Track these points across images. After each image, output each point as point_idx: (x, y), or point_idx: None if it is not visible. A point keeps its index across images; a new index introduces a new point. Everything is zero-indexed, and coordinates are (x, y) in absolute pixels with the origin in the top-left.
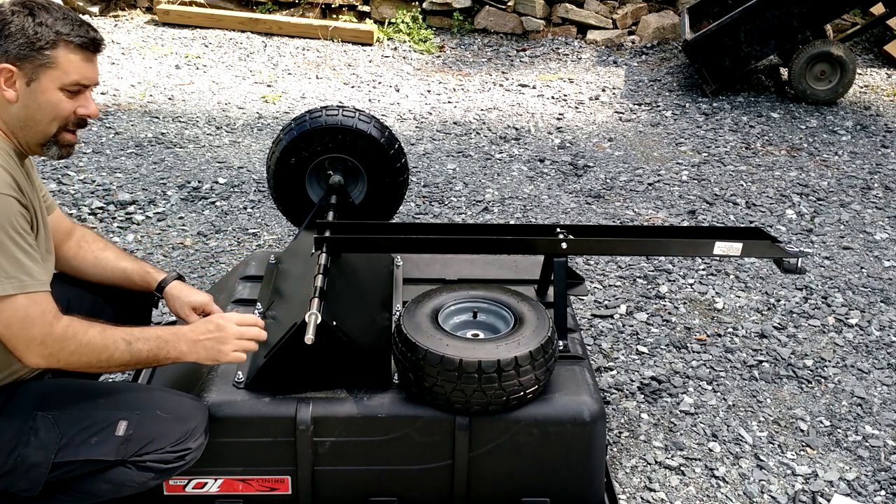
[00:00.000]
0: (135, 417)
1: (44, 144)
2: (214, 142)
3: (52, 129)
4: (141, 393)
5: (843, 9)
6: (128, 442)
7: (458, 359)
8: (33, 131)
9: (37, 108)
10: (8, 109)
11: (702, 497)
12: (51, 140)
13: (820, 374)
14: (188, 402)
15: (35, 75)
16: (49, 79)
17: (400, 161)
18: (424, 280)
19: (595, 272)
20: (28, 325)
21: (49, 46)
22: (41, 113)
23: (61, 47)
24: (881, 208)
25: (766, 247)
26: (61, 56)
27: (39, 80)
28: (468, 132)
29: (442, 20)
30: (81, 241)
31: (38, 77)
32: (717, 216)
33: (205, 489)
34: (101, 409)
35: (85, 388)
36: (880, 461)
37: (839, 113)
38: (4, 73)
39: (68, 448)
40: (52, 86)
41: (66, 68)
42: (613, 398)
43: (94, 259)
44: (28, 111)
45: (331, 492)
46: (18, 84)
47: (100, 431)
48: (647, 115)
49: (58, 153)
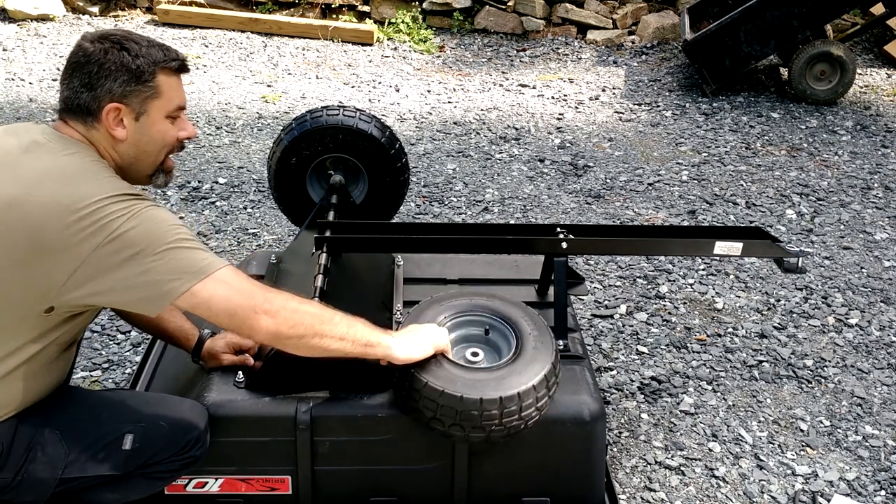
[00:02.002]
0: (140, 430)
1: (152, 175)
2: (214, 142)
3: (161, 157)
4: (144, 403)
5: (843, 9)
6: (134, 455)
7: (458, 395)
8: (144, 164)
9: (148, 141)
10: (117, 148)
11: (702, 497)
12: (158, 169)
13: (820, 374)
14: (190, 408)
15: (143, 108)
16: (156, 109)
17: (400, 161)
18: (425, 280)
19: (595, 272)
20: (244, 294)
21: (151, 77)
22: (152, 144)
23: (161, 75)
24: (881, 208)
25: (766, 247)
26: (163, 84)
27: (148, 112)
28: (468, 132)
29: (442, 20)
30: None
31: (147, 110)
32: (717, 216)
33: (205, 489)
34: (106, 423)
35: (90, 401)
36: (880, 461)
37: (839, 113)
38: (113, 113)
39: (75, 464)
40: (160, 116)
41: (170, 95)
42: (613, 398)
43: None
44: (139, 146)
45: (331, 492)
46: (127, 121)
47: (106, 446)
48: (647, 115)
49: (164, 180)
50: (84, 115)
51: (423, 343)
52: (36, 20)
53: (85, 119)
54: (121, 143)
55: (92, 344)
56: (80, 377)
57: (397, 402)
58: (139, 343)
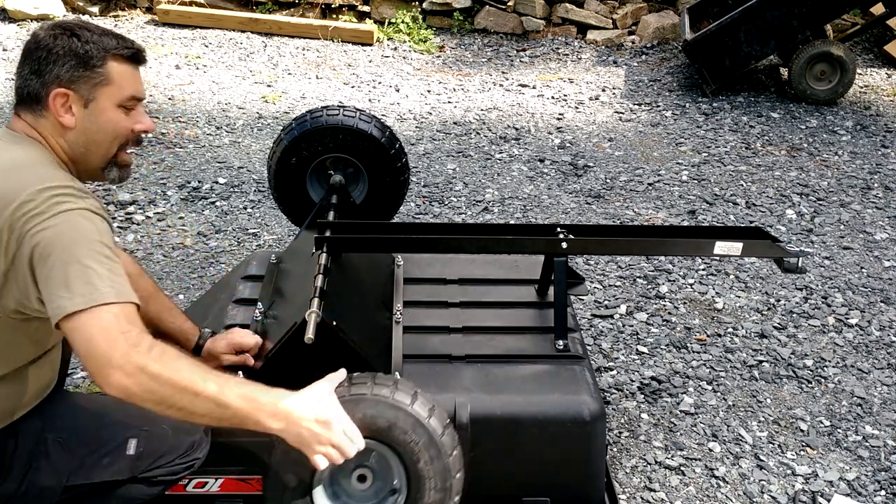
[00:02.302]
0: (143, 434)
1: (105, 168)
2: (214, 142)
3: (113, 149)
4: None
5: (843, 9)
6: (139, 459)
7: None
8: (95, 155)
9: (97, 130)
10: (66, 137)
11: (702, 497)
12: (111, 162)
13: (820, 374)
14: None
15: (92, 95)
16: (106, 97)
17: (400, 161)
18: (425, 280)
19: (595, 272)
20: (110, 341)
21: (101, 63)
22: (102, 134)
23: (112, 62)
24: (881, 208)
25: (766, 247)
26: (114, 71)
27: (97, 99)
28: (468, 132)
29: (442, 20)
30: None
31: (96, 97)
32: (717, 216)
33: (205, 489)
34: (109, 428)
35: (92, 407)
36: (880, 461)
37: (839, 113)
38: (60, 99)
39: (80, 470)
40: (110, 104)
41: (121, 83)
42: (613, 398)
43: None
44: (88, 135)
45: None
46: (75, 108)
47: (111, 452)
48: (647, 115)
49: (118, 175)
50: (33, 104)
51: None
52: (36, 20)
53: (34, 108)
54: (69, 132)
55: None
56: (81, 377)
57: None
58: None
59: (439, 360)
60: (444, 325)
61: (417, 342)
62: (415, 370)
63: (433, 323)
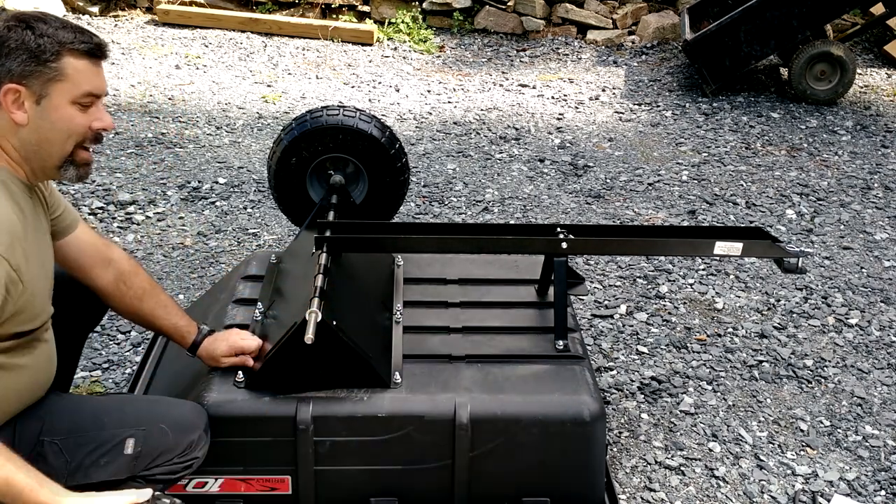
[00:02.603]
0: (141, 434)
1: (60, 167)
2: (214, 142)
3: (69, 147)
4: (144, 407)
5: (843, 9)
6: (137, 459)
7: None
8: (48, 153)
9: (50, 128)
10: (18, 134)
11: (702, 497)
12: (67, 160)
13: (820, 374)
14: (189, 410)
15: (45, 91)
16: (59, 93)
17: (400, 161)
18: (425, 280)
19: (595, 272)
20: None
21: (54, 58)
22: (55, 132)
23: (67, 57)
24: (881, 208)
25: (766, 247)
26: (69, 66)
27: (50, 95)
28: (468, 132)
29: (442, 20)
30: (120, 282)
31: (49, 93)
32: (717, 216)
33: (205, 489)
34: (107, 429)
35: (88, 408)
36: (880, 461)
37: (839, 113)
38: (11, 94)
39: (78, 472)
40: (64, 100)
41: (76, 79)
42: (613, 398)
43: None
44: (41, 132)
45: (331, 492)
46: (27, 104)
47: (108, 452)
48: (647, 115)
49: (76, 174)
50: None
51: None
52: None
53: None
54: (22, 129)
55: (92, 344)
56: (81, 377)
57: None
58: (139, 343)
59: (439, 360)
60: (444, 325)
61: (417, 342)
62: (415, 370)
63: (433, 323)
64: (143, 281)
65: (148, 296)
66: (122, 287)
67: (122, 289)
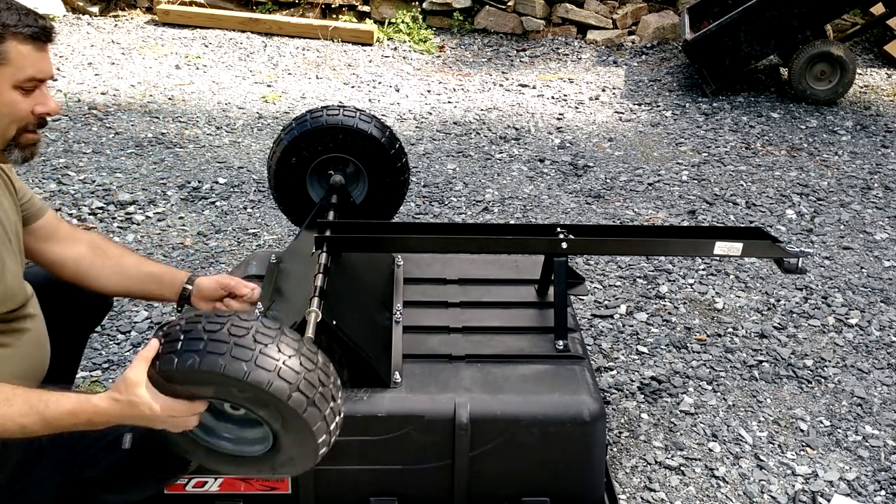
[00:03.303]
0: (139, 428)
1: (4, 149)
2: (214, 142)
3: (11, 132)
4: None
5: (843, 9)
6: (135, 454)
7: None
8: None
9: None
10: None
11: (702, 497)
12: (11, 144)
13: (820, 374)
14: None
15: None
16: (1, 78)
17: (400, 161)
18: (425, 280)
19: (595, 272)
20: None
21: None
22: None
23: (10, 41)
24: (881, 208)
25: (766, 247)
26: (11, 51)
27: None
28: (468, 132)
29: (442, 20)
30: (96, 249)
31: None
32: (717, 216)
33: (205, 488)
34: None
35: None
36: (880, 461)
37: (839, 113)
38: None
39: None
40: (6, 85)
41: (19, 63)
42: (613, 398)
43: (116, 267)
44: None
45: (331, 491)
46: None
47: (106, 447)
48: (647, 115)
49: (21, 156)
50: None
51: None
52: None
53: None
54: None
55: (92, 344)
56: (81, 377)
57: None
58: (139, 343)
59: (439, 360)
60: (444, 325)
61: (417, 342)
62: (415, 370)
63: (433, 323)
64: (117, 246)
65: (128, 253)
66: (99, 252)
67: (100, 253)
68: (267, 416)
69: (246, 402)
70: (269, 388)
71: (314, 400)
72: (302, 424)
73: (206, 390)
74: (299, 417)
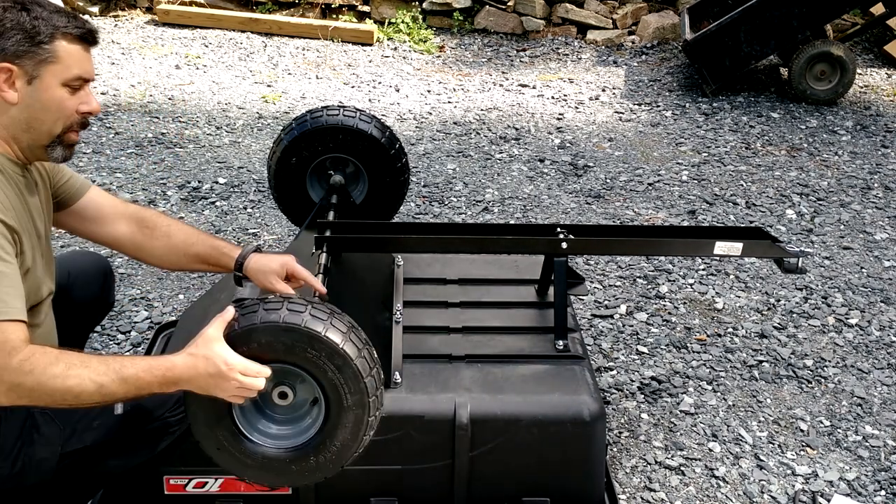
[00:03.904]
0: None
1: (48, 146)
2: (214, 142)
3: (58, 128)
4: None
5: (843, 9)
6: (129, 417)
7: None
8: (38, 132)
9: (41, 108)
10: (8, 112)
11: (702, 497)
12: (55, 141)
13: (820, 374)
14: None
15: (36, 72)
16: (51, 74)
17: (400, 161)
18: (425, 280)
19: (595, 272)
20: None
21: (48, 40)
22: (45, 112)
23: (60, 40)
24: (881, 208)
25: (766, 247)
26: (61, 49)
27: (41, 76)
28: (468, 132)
29: (442, 20)
30: (143, 227)
31: (40, 74)
32: (717, 216)
33: (205, 489)
34: None
35: None
36: (880, 461)
37: (839, 113)
38: (3, 73)
39: (73, 437)
40: (55, 82)
41: (68, 62)
42: (613, 398)
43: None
44: (31, 112)
45: (331, 491)
46: (19, 84)
47: (99, 414)
48: (647, 115)
49: (62, 155)
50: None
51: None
52: None
53: None
54: (12, 108)
55: (92, 344)
56: None
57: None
58: (139, 343)
59: (439, 360)
60: (444, 325)
61: (417, 342)
62: (415, 370)
63: (433, 323)
64: (167, 219)
65: (177, 229)
66: (145, 231)
67: (146, 232)
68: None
69: (312, 366)
70: (343, 347)
71: (372, 372)
72: (360, 395)
73: (278, 351)
74: (360, 380)
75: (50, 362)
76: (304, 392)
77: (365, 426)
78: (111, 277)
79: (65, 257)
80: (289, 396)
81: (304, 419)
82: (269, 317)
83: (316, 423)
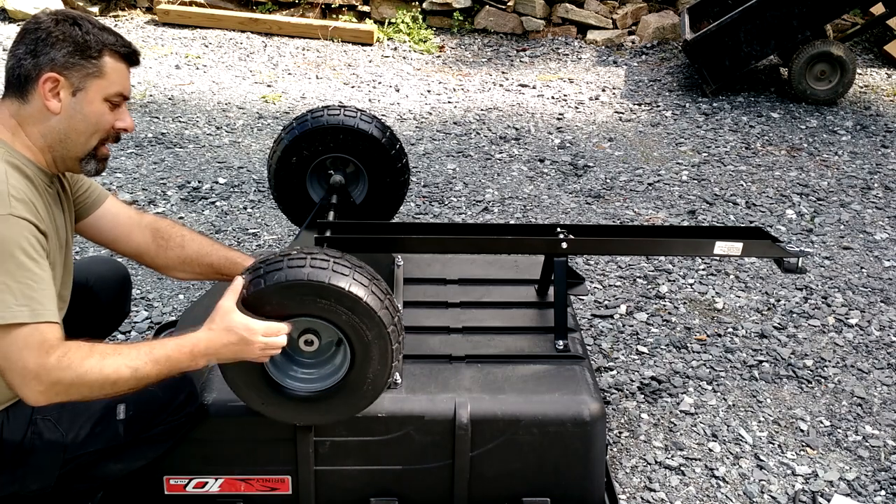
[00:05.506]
0: (131, 397)
1: (83, 159)
2: (214, 142)
3: (93, 142)
4: None
5: (843, 9)
6: (130, 422)
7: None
8: (74, 144)
9: (81, 120)
10: (48, 121)
11: (702, 497)
12: (90, 155)
13: (820, 374)
14: None
15: (82, 84)
16: (95, 89)
17: (401, 161)
18: (425, 280)
19: (595, 272)
20: (25, 356)
21: (97, 55)
22: (84, 124)
23: (108, 56)
24: (881, 208)
25: (766, 247)
26: (108, 65)
27: (86, 89)
28: (468, 132)
29: (442, 20)
30: (158, 238)
31: (85, 87)
32: (717, 216)
33: (205, 489)
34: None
35: None
36: (880, 461)
37: (839, 113)
38: (50, 82)
39: (75, 443)
40: (98, 96)
41: (112, 78)
42: (613, 398)
43: (177, 259)
44: (71, 123)
45: (331, 492)
46: (63, 94)
47: (101, 419)
48: (647, 115)
49: (95, 168)
50: (22, 87)
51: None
52: None
53: (22, 92)
54: (53, 118)
55: None
56: None
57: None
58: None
59: (439, 361)
60: (444, 326)
61: (417, 342)
62: (415, 370)
63: (433, 323)
64: (181, 230)
65: (190, 240)
66: (160, 241)
67: (160, 242)
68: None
69: (326, 312)
70: (350, 289)
71: (384, 304)
72: (378, 328)
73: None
74: (374, 316)
75: (85, 355)
76: (329, 335)
77: (391, 354)
78: (129, 286)
79: (84, 263)
80: (315, 343)
81: (334, 359)
82: (273, 277)
83: (346, 361)
